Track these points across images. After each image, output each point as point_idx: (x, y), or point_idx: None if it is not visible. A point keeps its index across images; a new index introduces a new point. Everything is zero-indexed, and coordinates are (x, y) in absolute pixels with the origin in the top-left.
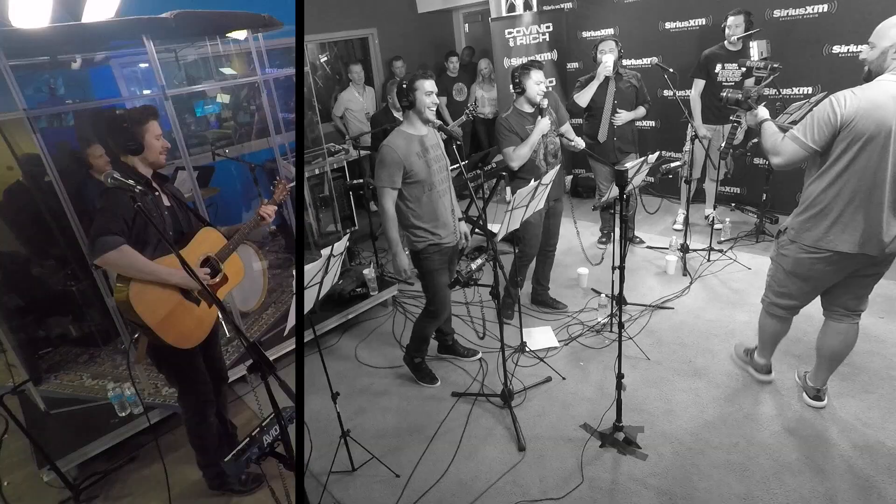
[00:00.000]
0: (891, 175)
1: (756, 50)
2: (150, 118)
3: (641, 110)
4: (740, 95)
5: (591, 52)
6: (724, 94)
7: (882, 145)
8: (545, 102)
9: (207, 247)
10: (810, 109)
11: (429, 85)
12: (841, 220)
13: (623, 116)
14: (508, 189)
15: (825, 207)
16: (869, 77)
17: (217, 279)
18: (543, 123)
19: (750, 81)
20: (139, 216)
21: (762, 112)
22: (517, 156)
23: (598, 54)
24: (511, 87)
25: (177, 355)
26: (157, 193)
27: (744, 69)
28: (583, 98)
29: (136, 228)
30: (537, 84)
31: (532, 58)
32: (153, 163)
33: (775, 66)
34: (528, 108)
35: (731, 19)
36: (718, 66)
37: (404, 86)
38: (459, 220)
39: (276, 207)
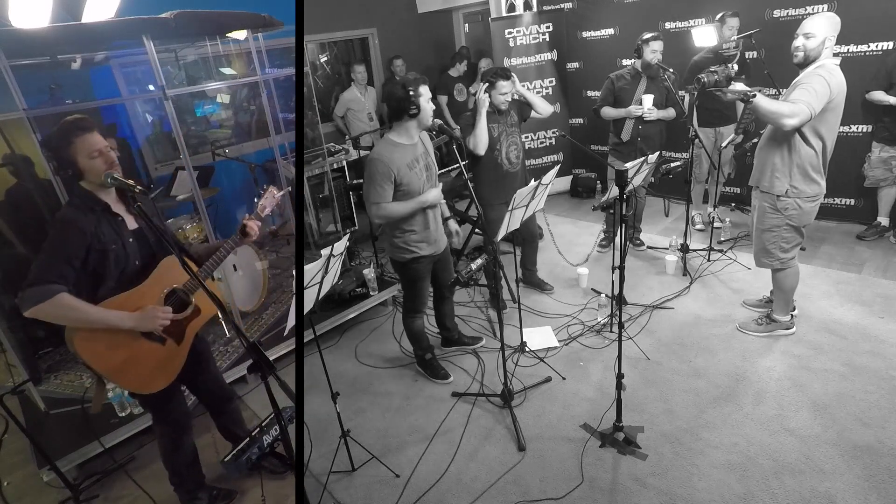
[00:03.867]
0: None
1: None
2: (73, 136)
3: (672, 111)
4: (716, 77)
5: (637, 44)
6: (702, 78)
7: (840, 110)
8: (482, 95)
9: (174, 277)
10: None
11: (428, 92)
12: (824, 169)
13: (653, 112)
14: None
15: (816, 164)
16: (805, 62)
17: (187, 312)
18: (480, 103)
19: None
20: (93, 250)
21: (742, 86)
22: (473, 142)
23: (645, 50)
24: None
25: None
26: (119, 218)
27: (737, 68)
28: (607, 115)
29: (92, 263)
30: (502, 94)
31: (503, 67)
32: (103, 183)
33: (741, 40)
34: (495, 112)
35: (729, 20)
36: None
37: (411, 92)
38: (447, 219)
39: (260, 222)
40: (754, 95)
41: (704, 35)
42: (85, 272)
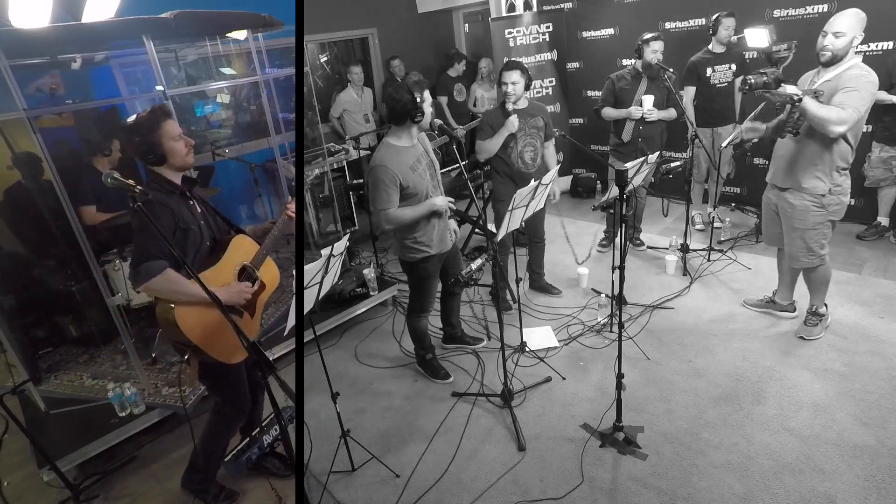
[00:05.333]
0: None
1: (765, 36)
2: (161, 120)
3: (672, 112)
4: (765, 78)
5: (638, 44)
6: (749, 79)
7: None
8: (510, 105)
9: (242, 255)
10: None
11: (429, 95)
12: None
13: (653, 113)
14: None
15: (849, 160)
16: (832, 61)
17: (255, 288)
18: (509, 124)
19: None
20: (178, 229)
21: (793, 88)
22: (481, 148)
23: (645, 50)
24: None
25: (223, 367)
26: (191, 202)
27: (735, 67)
28: (608, 115)
29: (177, 242)
30: (504, 84)
31: (514, 58)
32: (181, 166)
33: (795, 42)
34: (510, 106)
35: (725, 20)
36: (709, 70)
37: (418, 100)
38: (449, 218)
39: None
40: (800, 99)
41: (757, 36)
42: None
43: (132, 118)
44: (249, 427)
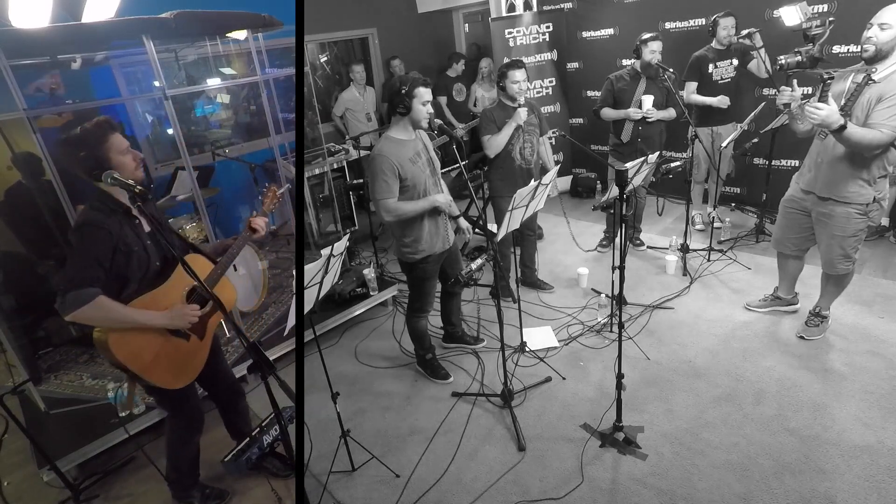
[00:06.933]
0: None
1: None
2: (108, 133)
3: (672, 111)
4: (799, 58)
5: (636, 44)
6: (781, 60)
7: None
8: (522, 99)
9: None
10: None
11: (427, 94)
12: None
13: (653, 113)
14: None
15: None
16: (875, 57)
17: (207, 308)
18: (518, 115)
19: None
20: (118, 251)
21: (838, 117)
22: (491, 143)
23: (644, 51)
24: (496, 85)
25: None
26: (137, 221)
27: (736, 62)
28: (607, 116)
29: (117, 266)
30: (514, 83)
31: (516, 58)
32: (130, 178)
33: (831, 18)
34: (511, 103)
35: (723, 21)
36: (711, 66)
37: (403, 90)
38: (457, 217)
39: (266, 219)
40: (831, 77)
41: (790, 15)
42: (110, 275)
43: (76, 131)
44: (239, 433)
